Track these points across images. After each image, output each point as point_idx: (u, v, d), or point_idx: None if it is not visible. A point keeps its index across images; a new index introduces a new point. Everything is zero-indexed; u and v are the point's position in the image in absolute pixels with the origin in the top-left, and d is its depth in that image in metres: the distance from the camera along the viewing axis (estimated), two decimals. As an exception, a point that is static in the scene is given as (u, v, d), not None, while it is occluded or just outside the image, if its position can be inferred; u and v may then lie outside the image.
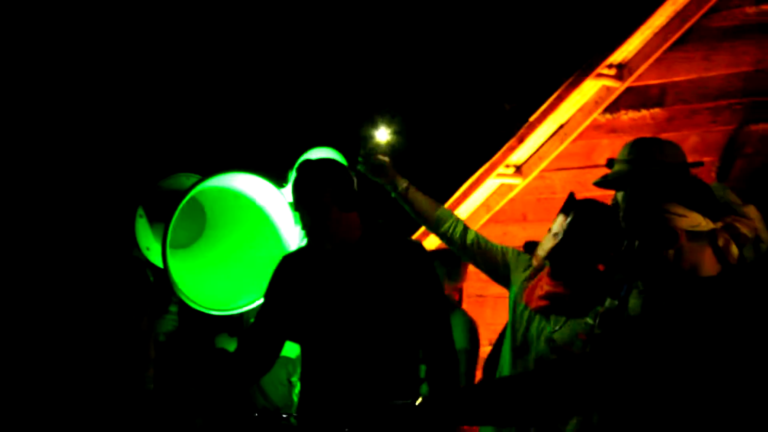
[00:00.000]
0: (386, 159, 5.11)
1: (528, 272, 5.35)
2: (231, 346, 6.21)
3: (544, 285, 5.15)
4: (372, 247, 4.48)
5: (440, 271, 5.96)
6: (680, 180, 3.39)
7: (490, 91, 8.49)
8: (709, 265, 3.28)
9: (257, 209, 5.31)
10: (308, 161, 4.50)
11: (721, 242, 3.28)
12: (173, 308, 5.66)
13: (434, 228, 5.26)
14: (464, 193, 7.38)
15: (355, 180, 4.52)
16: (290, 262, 4.62)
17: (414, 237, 7.45)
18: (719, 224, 3.29)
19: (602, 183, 4.83)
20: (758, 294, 3.18)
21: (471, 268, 6.29)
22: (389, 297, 4.41)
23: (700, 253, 3.27)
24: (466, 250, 5.36)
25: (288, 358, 6.30)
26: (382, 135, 5.18)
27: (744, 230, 3.32)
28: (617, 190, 4.89)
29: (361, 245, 4.46)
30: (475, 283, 7.26)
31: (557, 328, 5.10)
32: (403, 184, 5.18)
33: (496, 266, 5.38)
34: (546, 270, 5.17)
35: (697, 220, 3.25)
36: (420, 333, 4.51)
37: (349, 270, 4.44)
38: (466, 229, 5.39)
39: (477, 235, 5.41)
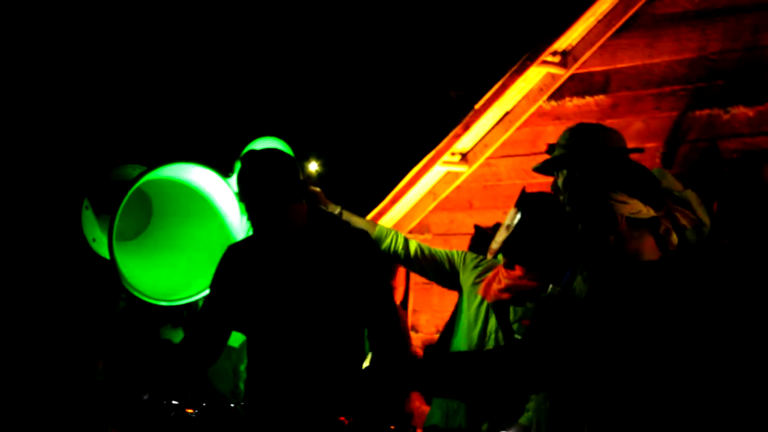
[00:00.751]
0: (317, 189, 5.21)
1: (480, 269, 5.41)
2: (176, 336, 6.16)
3: (502, 278, 5.20)
4: (317, 236, 4.46)
5: None
6: (623, 167, 3.43)
7: (435, 79, 8.48)
8: (649, 251, 3.33)
9: (203, 200, 5.27)
10: (253, 152, 4.46)
11: (662, 230, 3.33)
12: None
13: None
14: (410, 181, 7.37)
15: (301, 170, 4.50)
16: (236, 252, 4.60)
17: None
18: (661, 212, 3.33)
19: (541, 168, 4.88)
20: (696, 278, 3.22)
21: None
22: (335, 285, 4.41)
23: (641, 239, 3.32)
24: (411, 262, 5.48)
25: (232, 348, 6.27)
26: (312, 166, 5.30)
27: (683, 221, 3.37)
28: (555, 174, 4.94)
29: (307, 234, 4.45)
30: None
31: (518, 319, 5.17)
32: (335, 210, 5.25)
33: (444, 272, 5.49)
34: (502, 262, 5.23)
35: (637, 207, 3.30)
36: (367, 321, 4.51)
37: (295, 259, 4.44)
38: (406, 241, 5.48)
39: (419, 246, 5.52)
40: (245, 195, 4.37)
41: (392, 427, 3.86)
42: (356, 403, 4.20)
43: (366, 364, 4.58)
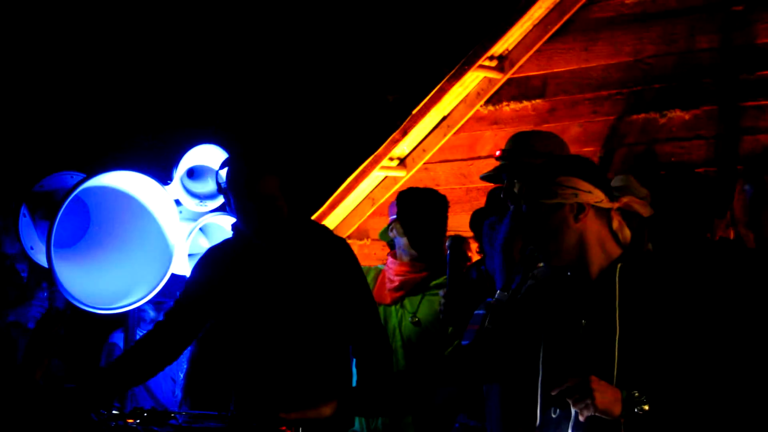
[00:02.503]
0: None
1: (369, 276, 5.59)
2: (122, 340, 6.09)
3: (392, 277, 5.40)
4: (300, 240, 4.44)
5: None
6: (582, 159, 3.40)
7: (372, 84, 8.47)
8: (610, 244, 3.28)
9: (141, 207, 5.21)
10: (245, 150, 4.44)
11: (615, 224, 3.28)
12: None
13: None
14: (348, 187, 7.35)
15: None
16: (216, 252, 4.56)
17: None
18: (616, 204, 3.28)
19: (487, 177, 4.91)
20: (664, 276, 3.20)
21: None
22: (319, 289, 4.39)
23: (604, 231, 3.27)
24: None
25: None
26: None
27: (641, 210, 3.32)
28: (497, 182, 4.96)
29: (290, 238, 4.43)
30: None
31: (417, 309, 5.34)
32: None
33: None
34: (387, 263, 5.43)
35: (600, 196, 3.24)
36: (350, 326, 4.49)
37: (281, 260, 4.41)
38: None
39: None
40: (246, 195, 4.32)
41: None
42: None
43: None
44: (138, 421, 4.02)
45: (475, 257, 5.58)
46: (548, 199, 3.26)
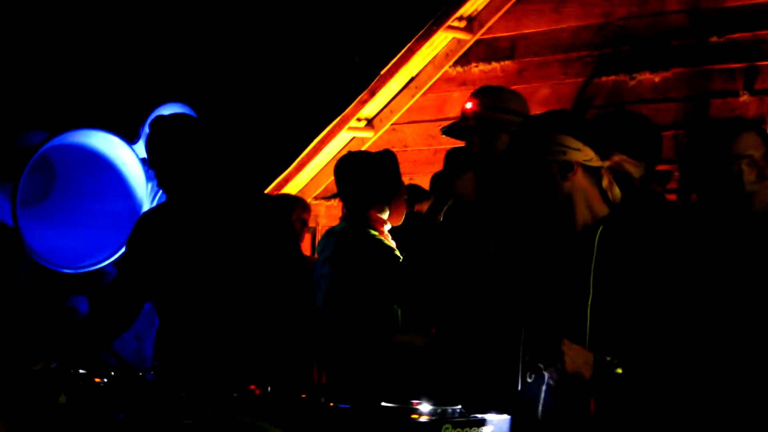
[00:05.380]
0: None
1: None
2: (80, 303, 6.04)
3: None
4: (230, 203, 4.38)
5: None
6: (570, 113, 3.33)
7: (339, 44, 8.41)
8: (598, 204, 3.22)
9: (109, 166, 5.15)
10: (164, 117, 4.36)
11: (605, 182, 3.21)
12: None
13: None
14: (316, 147, 7.31)
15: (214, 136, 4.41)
16: (149, 220, 4.50)
17: (270, 188, 7.38)
18: (607, 162, 3.20)
19: (448, 131, 4.81)
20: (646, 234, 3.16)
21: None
22: (245, 252, 4.33)
23: (593, 190, 3.20)
24: None
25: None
26: None
27: (632, 170, 3.26)
28: (461, 138, 4.88)
29: (219, 201, 4.36)
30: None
31: None
32: None
33: None
34: None
35: (590, 155, 3.15)
36: (279, 290, 4.44)
37: (206, 226, 4.35)
38: None
39: None
40: (156, 162, 4.27)
41: (303, 396, 3.81)
42: (268, 372, 4.17)
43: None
44: (105, 379, 3.98)
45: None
46: (536, 156, 3.19)
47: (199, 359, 4.32)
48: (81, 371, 4.10)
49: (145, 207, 5.12)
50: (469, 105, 4.62)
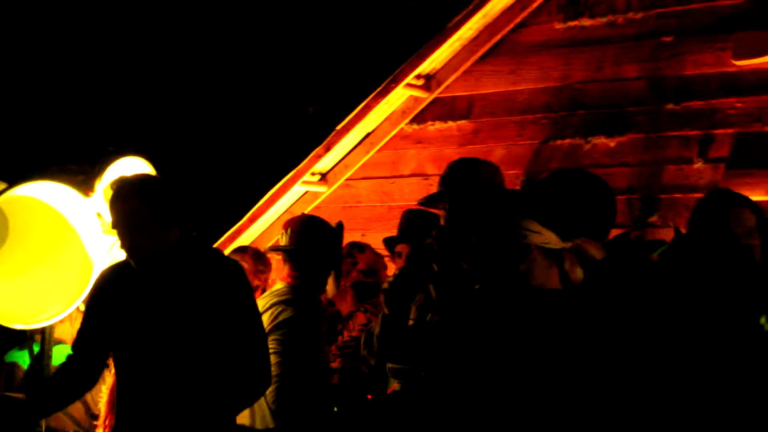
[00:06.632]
0: None
1: None
2: (21, 359, 5.91)
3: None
4: (186, 263, 4.34)
5: None
6: (537, 196, 3.40)
7: (293, 95, 8.39)
8: (554, 284, 3.28)
9: (60, 219, 5.05)
10: (124, 178, 4.33)
11: (567, 264, 3.29)
12: None
13: None
14: (269, 201, 7.26)
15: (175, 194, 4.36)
16: (107, 277, 4.46)
17: (221, 241, 7.32)
18: (568, 244, 3.30)
19: (425, 202, 4.84)
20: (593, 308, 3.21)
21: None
22: (201, 313, 4.29)
23: (549, 270, 3.28)
24: None
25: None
26: None
27: (593, 252, 3.34)
28: (435, 207, 4.90)
29: (175, 261, 4.32)
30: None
31: None
32: None
33: None
34: None
35: (549, 238, 3.26)
36: (232, 351, 4.38)
37: (162, 286, 4.31)
38: None
39: None
40: (117, 223, 4.25)
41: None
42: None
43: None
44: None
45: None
46: (500, 237, 3.29)
47: (150, 416, 4.28)
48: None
49: (100, 262, 5.03)
50: (446, 175, 4.68)
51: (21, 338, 5.85)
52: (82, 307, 4.77)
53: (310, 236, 5.41)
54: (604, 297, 3.29)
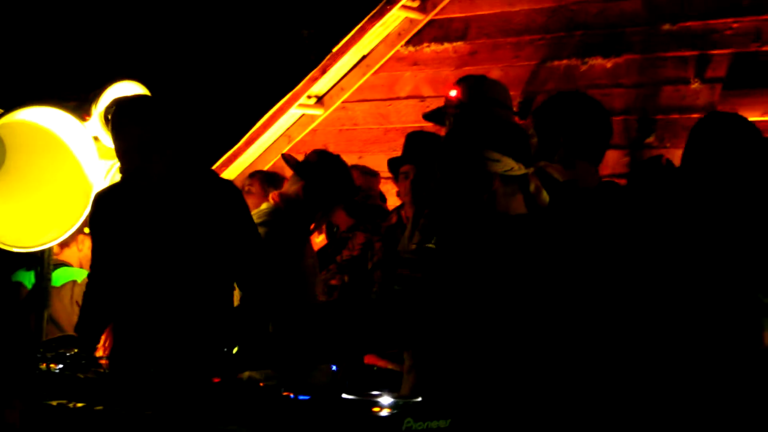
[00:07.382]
0: None
1: None
2: (27, 279, 5.96)
3: None
4: (182, 184, 4.37)
5: None
6: (494, 124, 3.49)
7: (287, 18, 8.35)
8: (519, 209, 3.41)
9: (59, 143, 5.06)
10: (125, 100, 4.35)
11: (532, 187, 3.39)
12: None
13: None
14: (265, 124, 7.26)
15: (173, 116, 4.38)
16: (107, 199, 4.46)
17: (219, 163, 7.34)
18: (531, 169, 3.42)
19: (430, 117, 4.88)
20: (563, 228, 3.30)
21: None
22: (196, 232, 4.33)
23: (512, 196, 3.39)
24: None
25: (76, 282, 6.10)
26: None
27: (556, 174, 3.43)
28: (439, 123, 4.94)
29: (172, 182, 4.35)
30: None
31: None
32: None
33: None
34: None
35: (509, 165, 3.36)
36: (235, 268, 4.44)
37: (161, 207, 4.33)
38: None
39: None
40: (117, 146, 4.26)
41: (260, 384, 3.81)
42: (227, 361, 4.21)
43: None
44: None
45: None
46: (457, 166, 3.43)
47: (153, 342, 4.32)
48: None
49: (98, 186, 5.06)
50: (453, 93, 4.69)
51: (30, 260, 5.88)
52: (87, 230, 4.80)
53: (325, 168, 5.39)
54: (569, 218, 3.39)
